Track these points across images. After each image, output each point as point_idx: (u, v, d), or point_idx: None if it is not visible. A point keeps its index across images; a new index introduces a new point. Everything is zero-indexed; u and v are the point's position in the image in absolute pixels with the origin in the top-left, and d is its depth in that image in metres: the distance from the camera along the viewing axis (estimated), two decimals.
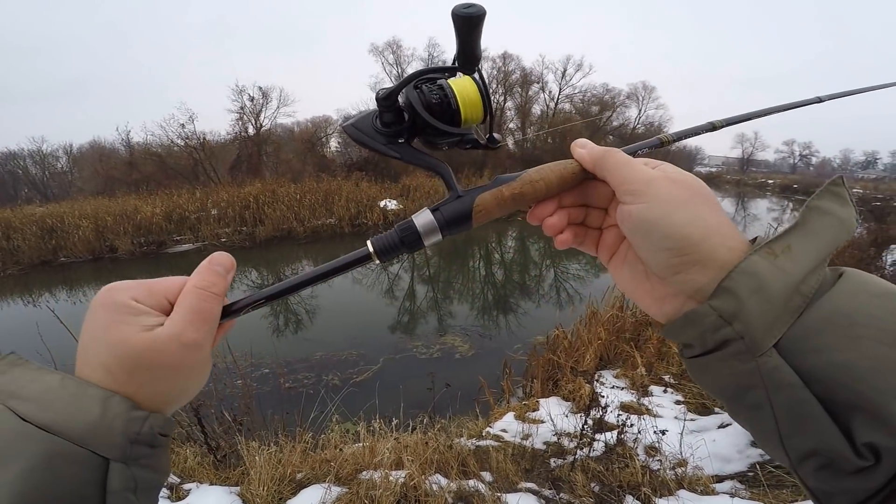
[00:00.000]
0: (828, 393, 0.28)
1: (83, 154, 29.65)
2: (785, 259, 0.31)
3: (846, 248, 6.98)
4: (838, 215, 0.33)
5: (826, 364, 0.29)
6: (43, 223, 13.55)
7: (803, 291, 0.31)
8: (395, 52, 26.44)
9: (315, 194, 16.33)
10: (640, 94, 35.17)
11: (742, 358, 0.31)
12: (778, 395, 0.30)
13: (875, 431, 0.27)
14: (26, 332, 3.72)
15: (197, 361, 0.37)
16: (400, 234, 0.39)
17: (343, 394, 3.85)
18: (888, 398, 0.27)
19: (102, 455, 0.32)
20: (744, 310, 0.31)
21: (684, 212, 0.35)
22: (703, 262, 0.34)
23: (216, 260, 0.40)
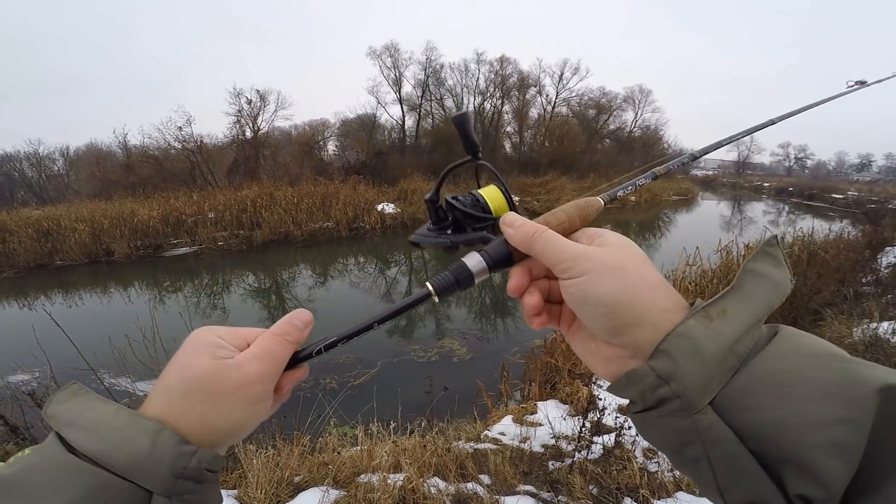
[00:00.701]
0: (761, 448, 0.30)
1: (80, 156, 29.54)
2: (720, 322, 0.33)
3: (842, 251, 7.02)
4: (773, 278, 0.35)
5: (758, 421, 0.30)
6: (39, 226, 13.49)
7: (737, 352, 0.32)
8: (393, 56, 26.49)
9: (312, 198, 16.31)
10: (637, 97, 35.37)
11: (679, 415, 0.33)
12: (714, 449, 0.31)
13: (805, 484, 0.28)
14: (22, 335, 3.70)
15: (253, 395, 0.39)
16: (455, 275, 0.44)
17: (341, 397, 3.84)
18: (815, 453, 0.28)
19: (146, 488, 0.33)
20: (679, 371, 0.33)
21: (613, 280, 0.37)
22: (637, 323, 0.36)
23: (296, 315, 0.45)
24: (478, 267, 0.44)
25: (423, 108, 27.48)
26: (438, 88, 27.92)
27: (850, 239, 8.53)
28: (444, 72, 27.90)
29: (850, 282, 6.36)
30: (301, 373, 0.45)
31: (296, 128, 28.07)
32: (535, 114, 30.62)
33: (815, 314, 5.42)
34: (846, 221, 13.98)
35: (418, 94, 27.18)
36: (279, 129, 25.91)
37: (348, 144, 27.68)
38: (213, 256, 13.50)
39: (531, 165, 26.58)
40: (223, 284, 11.14)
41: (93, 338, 3.71)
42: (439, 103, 28.31)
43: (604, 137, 34.50)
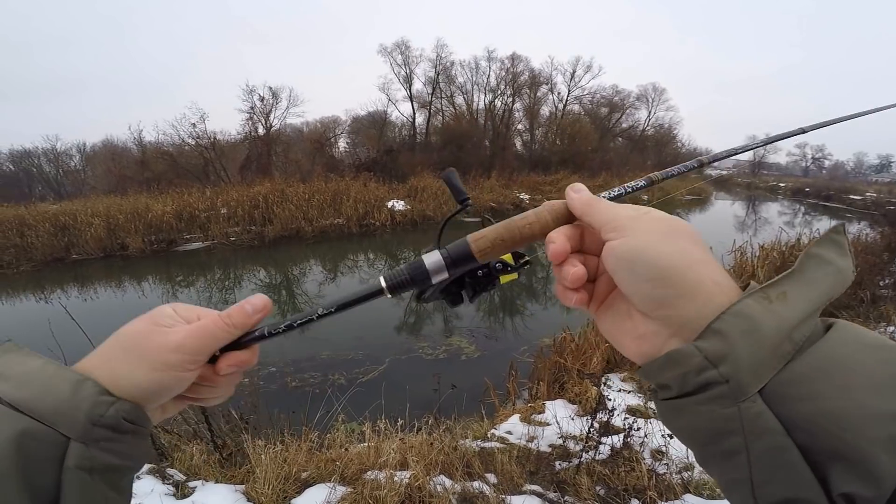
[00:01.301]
0: (810, 441, 0.28)
1: (96, 153, 29.99)
2: (780, 305, 0.31)
3: (859, 253, 6.88)
4: (837, 265, 0.33)
5: (812, 412, 0.28)
6: (56, 221, 13.74)
7: (794, 338, 0.30)
8: (404, 53, 26.48)
9: (323, 194, 16.40)
10: (650, 95, 34.97)
11: (722, 402, 0.30)
12: (757, 442, 0.29)
13: (855, 481, 0.27)
14: (38, 328, 3.77)
15: (165, 361, 0.39)
16: (410, 272, 0.42)
17: (349, 393, 3.85)
18: (876, 448, 0.26)
19: (64, 433, 0.34)
20: (733, 352, 0.30)
21: (667, 243, 0.35)
22: (689, 294, 0.33)
23: (249, 300, 0.44)
24: (435, 265, 0.42)
25: (433, 106, 27.46)
26: (449, 86, 27.90)
27: (868, 241, 8.36)
28: (455, 69, 27.85)
29: (868, 285, 6.24)
30: (246, 356, 0.44)
31: (307, 125, 28.25)
32: (547, 112, 30.46)
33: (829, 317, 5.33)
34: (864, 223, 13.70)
35: (429, 92, 27.17)
36: (291, 126, 26.09)
37: (359, 141, 27.80)
38: (226, 251, 13.65)
39: (542, 163, 26.44)
40: (235, 279, 11.25)
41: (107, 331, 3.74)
42: (450, 101, 28.27)
43: (616, 136, 34.20)
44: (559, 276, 0.41)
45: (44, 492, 0.33)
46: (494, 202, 19.20)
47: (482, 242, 0.43)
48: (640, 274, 0.35)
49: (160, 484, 2.67)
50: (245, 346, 0.44)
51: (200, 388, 0.44)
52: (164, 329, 0.40)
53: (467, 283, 0.47)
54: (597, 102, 32.32)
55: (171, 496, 2.59)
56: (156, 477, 2.74)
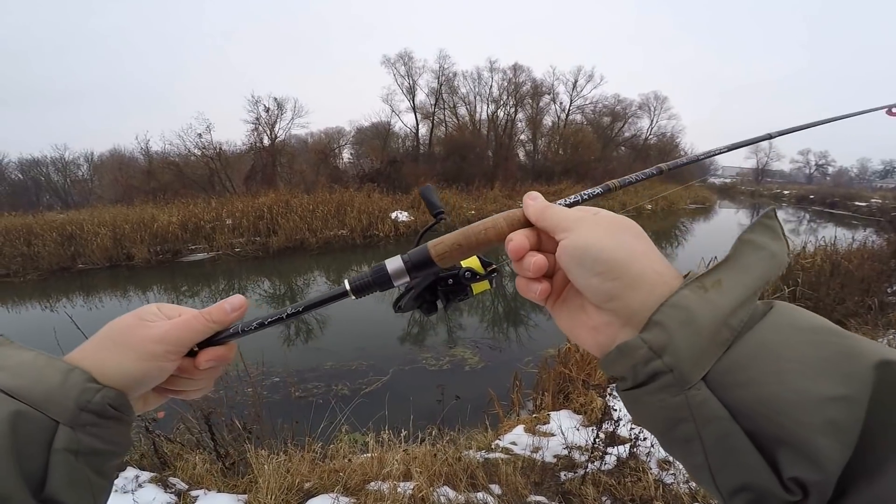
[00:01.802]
0: (755, 427, 0.29)
1: (103, 162, 30.29)
2: (715, 293, 0.32)
3: (865, 260, 6.83)
4: (770, 249, 0.34)
5: (752, 398, 0.29)
6: (63, 230, 13.87)
7: (732, 325, 0.31)
8: (407, 64, 26.75)
9: (328, 205, 16.48)
10: (652, 104, 35.09)
11: (671, 391, 0.31)
12: (706, 428, 0.30)
13: (800, 465, 0.27)
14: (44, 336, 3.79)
15: (148, 351, 0.43)
16: (373, 276, 0.45)
17: (353, 404, 3.84)
18: (811, 432, 0.27)
19: (54, 418, 0.37)
20: (673, 342, 0.31)
21: (611, 239, 0.37)
22: (633, 285, 0.35)
23: (228, 300, 0.47)
24: (396, 269, 0.45)
25: (436, 117, 27.66)
26: (451, 96, 28.11)
27: (875, 248, 8.29)
28: (457, 80, 28.06)
29: (875, 292, 6.18)
30: (223, 351, 0.47)
31: (312, 135, 28.52)
32: (549, 121, 30.63)
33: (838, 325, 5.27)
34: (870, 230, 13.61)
35: (432, 103, 27.40)
36: (296, 137, 26.40)
37: (363, 152, 27.97)
38: (230, 262, 13.71)
39: (545, 173, 26.50)
40: (239, 290, 11.28)
41: None
42: (452, 111, 28.48)
43: (619, 145, 34.28)
44: (520, 269, 0.43)
45: (33, 471, 0.35)
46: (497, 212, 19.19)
47: (440, 248, 0.45)
48: (588, 268, 0.37)
49: (162, 493, 2.66)
50: (222, 343, 0.47)
51: (180, 381, 0.47)
52: (148, 323, 0.44)
53: (440, 292, 0.50)
54: (599, 112, 32.50)
55: None
56: (158, 486, 2.74)
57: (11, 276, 12.48)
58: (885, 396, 0.27)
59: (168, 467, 2.96)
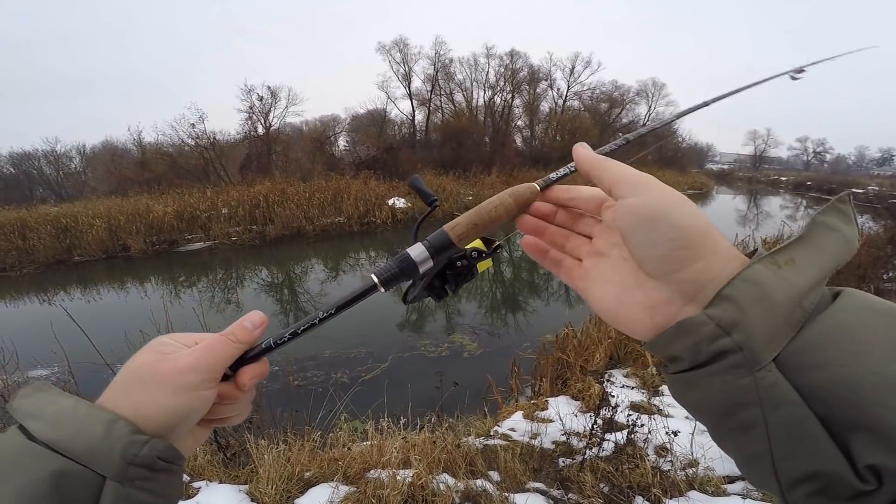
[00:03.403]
0: (829, 411, 0.27)
1: (96, 154, 29.98)
2: (789, 270, 0.30)
3: (862, 246, 6.85)
4: (843, 233, 0.32)
5: (829, 380, 0.27)
6: (57, 223, 13.76)
7: (804, 306, 0.29)
8: (403, 51, 26.41)
9: (324, 193, 16.39)
10: (650, 90, 34.88)
11: (738, 372, 0.29)
12: (775, 413, 0.28)
13: (879, 451, 0.26)
14: (42, 330, 3.78)
15: (183, 383, 0.40)
16: (399, 265, 0.45)
17: (351, 392, 3.85)
18: (893, 415, 0.25)
19: (100, 473, 0.34)
20: (745, 319, 0.29)
21: (685, 207, 0.35)
22: (707, 256, 0.33)
23: (247, 317, 0.46)
24: (421, 256, 0.45)
25: (432, 103, 27.40)
26: (448, 83, 27.81)
27: (872, 234, 8.33)
28: (454, 66, 27.73)
29: (871, 278, 6.22)
30: (259, 369, 0.46)
31: (307, 123, 28.22)
32: (546, 108, 30.38)
33: None
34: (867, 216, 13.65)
35: (428, 89, 27.11)
36: (290, 125, 26.04)
37: (359, 140, 27.74)
38: (227, 251, 13.66)
39: (542, 159, 26.36)
40: (237, 279, 11.26)
41: (109, 332, 3.76)
42: (449, 98, 28.21)
43: (616, 131, 34.08)
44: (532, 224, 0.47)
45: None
46: None
47: (458, 229, 0.45)
48: (662, 233, 0.34)
49: None
50: (257, 359, 0.46)
51: (222, 408, 0.45)
52: (170, 355, 0.41)
53: (449, 276, 0.50)
54: (596, 98, 32.26)
55: None
56: None
57: (7, 271, 12.40)
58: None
59: None
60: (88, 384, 3.85)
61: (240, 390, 0.45)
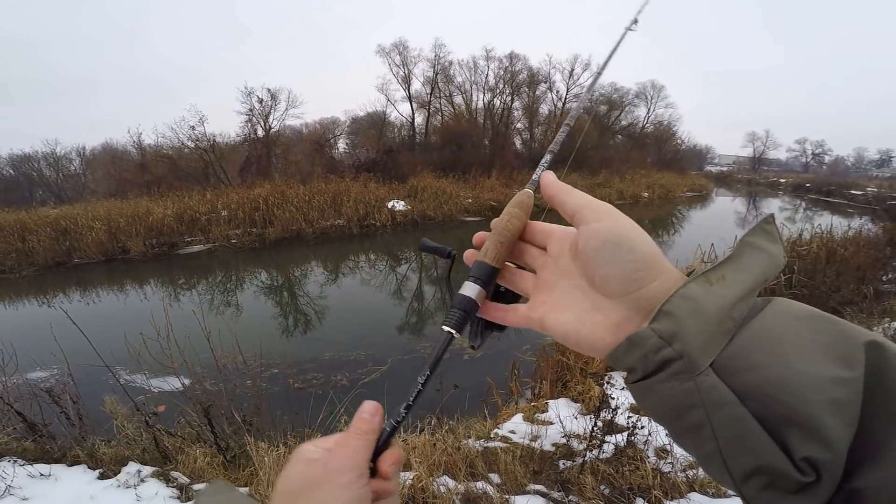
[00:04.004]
0: (763, 409, 0.30)
1: (96, 156, 29.96)
2: (719, 286, 0.34)
3: (861, 248, 6.86)
4: (768, 251, 0.36)
5: (760, 381, 0.30)
6: (57, 225, 13.76)
7: (734, 316, 0.33)
8: (402, 54, 26.40)
9: (324, 195, 16.40)
10: (649, 92, 34.83)
11: (681, 378, 0.33)
12: (716, 413, 0.31)
13: (811, 445, 0.28)
14: (41, 332, 3.78)
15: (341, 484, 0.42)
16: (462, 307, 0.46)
17: (352, 395, 3.85)
18: (818, 410, 0.28)
19: None
20: (682, 330, 0.33)
21: (642, 234, 0.39)
22: (660, 277, 0.37)
23: (363, 408, 0.48)
24: (475, 291, 0.46)
25: (432, 106, 27.42)
26: (447, 85, 27.80)
27: (871, 236, 8.33)
28: (453, 69, 27.72)
29: (871, 280, 6.22)
30: (394, 454, 0.47)
31: (307, 126, 28.22)
32: (546, 110, 30.37)
33: (834, 313, 5.27)
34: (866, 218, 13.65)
35: (427, 92, 27.13)
36: (290, 128, 26.05)
37: (359, 142, 27.75)
38: (227, 254, 13.66)
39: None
40: (236, 281, 11.26)
41: (109, 335, 3.76)
42: (448, 100, 28.22)
43: (616, 133, 34.12)
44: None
45: None
46: (495, 201, 19.11)
47: (491, 253, 0.47)
48: (624, 255, 0.38)
49: (164, 487, 2.67)
50: (388, 445, 0.47)
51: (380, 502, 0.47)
52: (322, 461, 0.43)
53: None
54: (596, 100, 32.25)
55: (176, 499, 2.59)
56: (160, 480, 2.75)
57: (7, 273, 12.39)
58: (875, 376, 0.29)
59: (170, 461, 2.97)
60: (87, 386, 3.85)
61: (385, 479, 0.46)
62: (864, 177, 56.40)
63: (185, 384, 3.30)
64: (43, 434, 3.19)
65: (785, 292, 5.51)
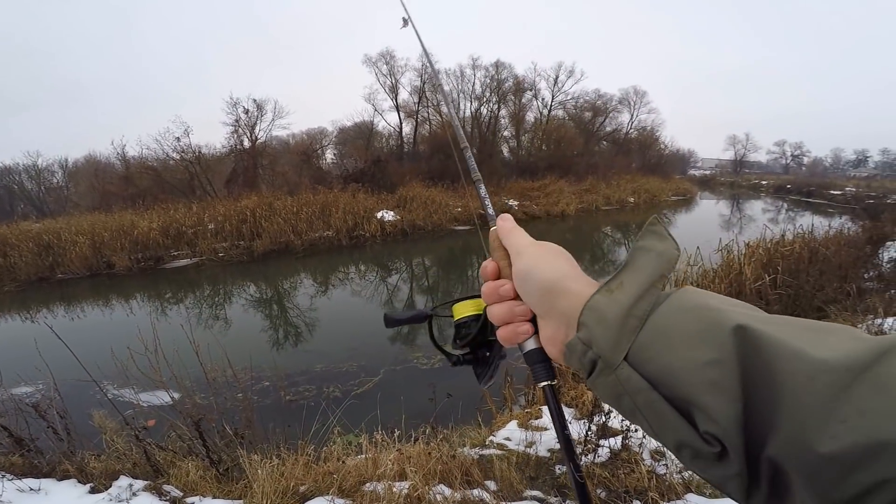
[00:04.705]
0: (669, 392, 0.35)
1: (79, 168, 29.50)
2: (618, 293, 0.40)
3: (842, 247, 7.01)
4: (657, 250, 0.42)
5: (658, 369, 0.35)
6: (39, 239, 13.51)
7: (637, 314, 0.38)
8: (389, 63, 26.54)
9: (312, 207, 16.31)
10: (632, 98, 35.42)
11: (606, 373, 0.39)
12: (637, 398, 0.36)
13: (704, 421, 0.32)
14: (25, 347, 3.70)
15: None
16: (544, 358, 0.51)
17: (344, 406, 3.82)
18: (699, 391, 0.33)
19: None
20: (594, 336, 0.39)
21: (545, 264, 0.47)
22: (564, 294, 0.44)
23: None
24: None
25: (419, 115, 27.55)
26: (435, 94, 28.00)
27: (851, 235, 8.52)
28: (440, 77, 27.94)
29: (853, 278, 6.35)
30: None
31: (294, 137, 28.16)
32: (532, 117, 30.68)
33: (819, 311, 5.41)
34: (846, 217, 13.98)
35: (415, 101, 27.27)
36: (277, 139, 25.92)
37: (346, 152, 27.72)
38: (214, 267, 13.49)
39: (529, 169, 26.59)
40: (224, 295, 11.12)
41: (95, 350, 3.70)
42: (436, 109, 28.37)
43: (601, 139, 34.54)
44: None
45: None
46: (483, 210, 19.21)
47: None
48: (532, 285, 0.47)
49: (157, 501, 2.62)
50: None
51: None
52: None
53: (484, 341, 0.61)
54: (580, 107, 32.64)
55: None
56: (153, 494, 2.69)
57: None
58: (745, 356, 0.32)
59: (162, 475, 2.91)
60: (74, 400, 3.76)
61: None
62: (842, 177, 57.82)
63: (174, 398, 3.25)
64: (30, 448, 3.13)
65: (770, 292, 5.61)
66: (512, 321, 0.51)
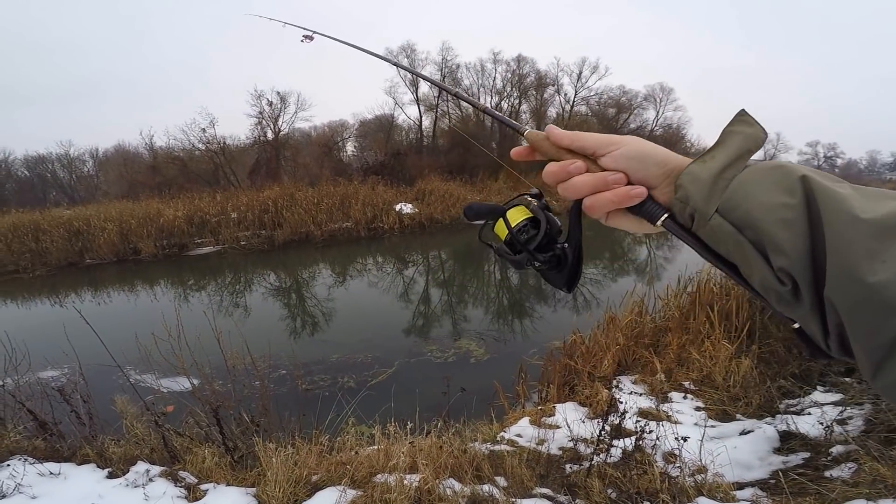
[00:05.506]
0: (753, 235, 0.41)
1: (108, 158, 30.45)
2: (710, 162, 0.47)
3: None
4: (744, 132, 0.48)
5: (742, 214, 0.42)
6: (70, 226, 13.99)
7: (726, 177, 0.45)
8: (409, 56, 26.49)
9: (332, 198, 16.50)
10: (658, 95, 34.55)
11: (702, 223, 0.46)
12: (728, 244, 0.43)
13: (777, 256, 0.39)
14: (53, 331, 3.83)
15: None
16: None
17: (359, 397, 3.86)
18: (773, 227, 0.39)
19: None
20: (689, 194, 0.46)
21: (651, 146, 0.54)
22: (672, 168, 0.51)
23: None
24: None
25: (439, 109, 27.48)
26: (455, 88, 27.88)
27: None
28: (461, 72, 27.77)
29: None
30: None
31: (315, 129, 28.41)
32: (554, 113, 30.27)
33: None
34: None
35: (435, 95, 27.21)
36: (299, 131, 26.25)
37: (367, 145, 27.88)
38: (236, 256, 13.78)
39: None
40: (245, 283, 11.35)
41: (120, 335, 3.81)
42: (456, 103, 28.28)
43: None
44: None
45: None
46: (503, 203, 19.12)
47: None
48: (649, 163, 0.53)
49: (173, 486, 2.70)
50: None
51: None
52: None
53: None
54: (604, 103, 32.06)
55: (184, 499, 2.62)
56: (168, 480, 2.77)
57: (21, 272, 12.61)
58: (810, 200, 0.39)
59: (178, 461, 2.99)
60: (97, 385, 3.90)
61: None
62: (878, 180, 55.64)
63: (194, 384, 3.33)
64: (53, 433, 3.23)
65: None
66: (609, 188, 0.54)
